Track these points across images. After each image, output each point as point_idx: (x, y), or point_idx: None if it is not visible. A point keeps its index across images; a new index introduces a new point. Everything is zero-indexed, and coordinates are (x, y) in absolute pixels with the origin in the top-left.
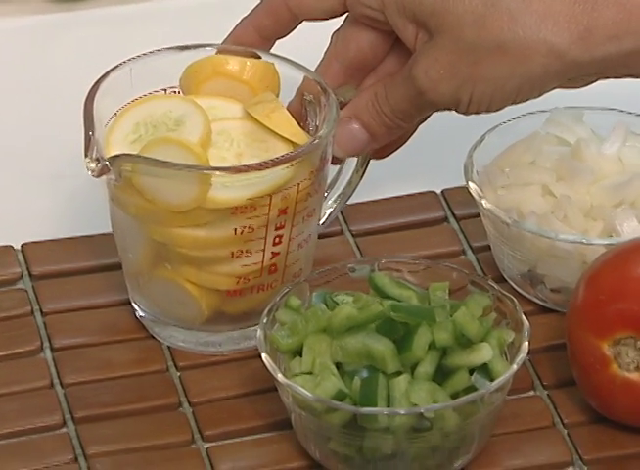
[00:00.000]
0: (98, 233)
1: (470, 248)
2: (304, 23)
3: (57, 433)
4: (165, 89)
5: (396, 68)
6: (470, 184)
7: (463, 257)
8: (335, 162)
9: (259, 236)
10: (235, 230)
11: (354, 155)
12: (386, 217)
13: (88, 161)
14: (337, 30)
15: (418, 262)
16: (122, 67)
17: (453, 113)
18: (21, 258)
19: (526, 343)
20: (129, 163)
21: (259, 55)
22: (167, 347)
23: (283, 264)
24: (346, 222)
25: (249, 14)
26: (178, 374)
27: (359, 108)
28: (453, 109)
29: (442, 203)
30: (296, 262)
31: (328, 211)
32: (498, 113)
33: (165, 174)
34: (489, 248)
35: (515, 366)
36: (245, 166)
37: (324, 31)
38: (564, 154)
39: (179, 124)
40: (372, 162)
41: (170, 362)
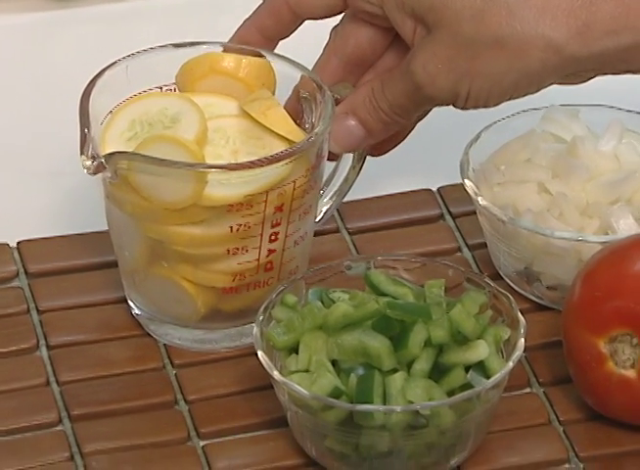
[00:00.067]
0: (94, 231)
1: (466, 245)
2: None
3: (53, 431)
4: (161, 87)
5: (395, 63)
6: (466, 182)
7: (459, 254)
8: (331, 158)
9: (255, 233)
10: (231, 228)
11: (350, 151)
12: (382, 215)
13: (84, 158)
14: (335, 26)
15: (414, 260)
16: (118, 64)
17: (449, 110)
18: (16, 255)
19: (522, 340)
20: (125, 160)
21: (262, 54)
22: (163, 344)
23: (279, 262)
24: (342, 220)
25: (251, 15)
26: (174, 372)
27: (356, 103)
28: (451, 104)
29: (438, 200)
30: (292, 260)
31: (324, 209)
32: (494, 110)
33: (161, 172)
34: (485, 245)
35: (511, 364)
36: (241, 164)
37: (320, 29)
38: (560, 151)
39: (175, 122)
40: (368, 159)
41: (166, 360)
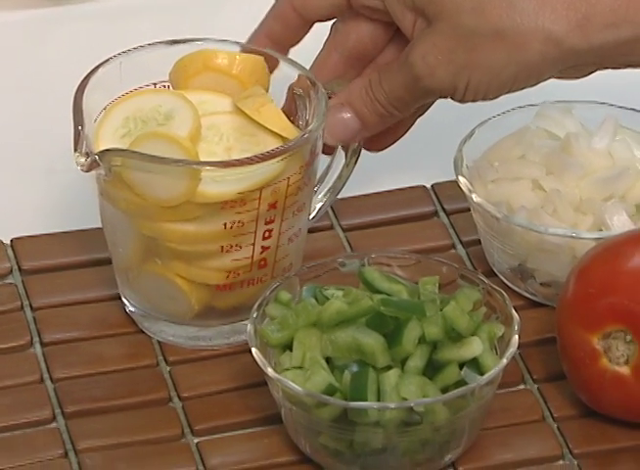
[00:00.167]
0: (88, 228)
1: (460, 242)
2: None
3: (47, 428)
4: (155, 84)
5: (396, 58)
6: (460, 178)
7: (453, 251)
8: (326, 151)
9: (249, 230)
10: (225, 225)
11: (345, 143)
12: (376, 212)
13: (77, 155)
14: (335, 22)
15: (408, 257)
16: (112, 61)
17: (443, 107)
18: (10, 252)
19: (516, 337)
20: (119, 157)
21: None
22: (157, 341)
23: (273, 259)
24: (336, 217)
25: (259, 24)
26: (168, 369)
27: (352, 95)
28: (449, 96)
29: (432, 197)
30: (285, 257)
31: (318, 206)
32: (488, 107)
33: (155, 169)
34: (479, 242)
35: (505, 360)
36: (234, 161)
37: (317, 27)
38: (553, 148)
39: (169, 119)
40: (362, 156)
41: (160, 357)
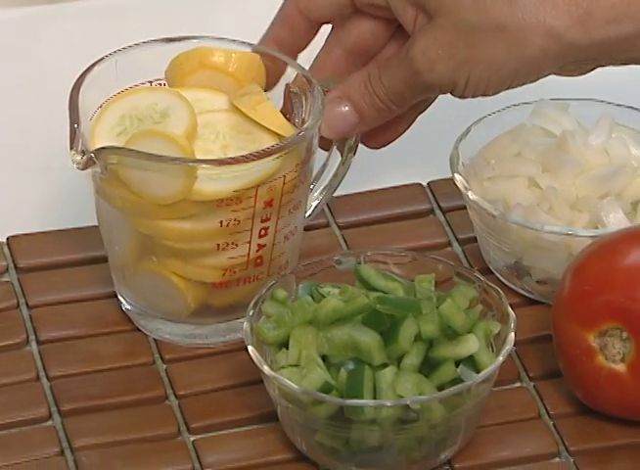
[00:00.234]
0: (84, 226)
1: (456, 240)
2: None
3: (43, 426)
4: (151, 81)
5: (396, 53)
6: (456, 176)
7: (449, 248)
8: (322, 145)
9: (245, 228)
10: (221, 222)
11: (342, 136)
12: (372, 209)
13: (73, 153)
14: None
15: (404, 254)
16: (108, 59)
17: (439, 104)
18: (6, 250)
19: (513, 334)
20: (115, 155)
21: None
22: (154, 339)
23: (269, 257)
24: (332, 214)
25: (267, 29)
26: (164, 367)
27: (351, 88)
28: (449, 92)
29: (428, 195)
30: (282, 255)
31: (314, 204)
32: (484, 104)
33: (151, 167)
34: (475, 240)
35: (501, 358)
36: (230, 159)
37: None
38: (549, 145)
39: (165, 117)
40: (358, 154)
41: (157, 355)
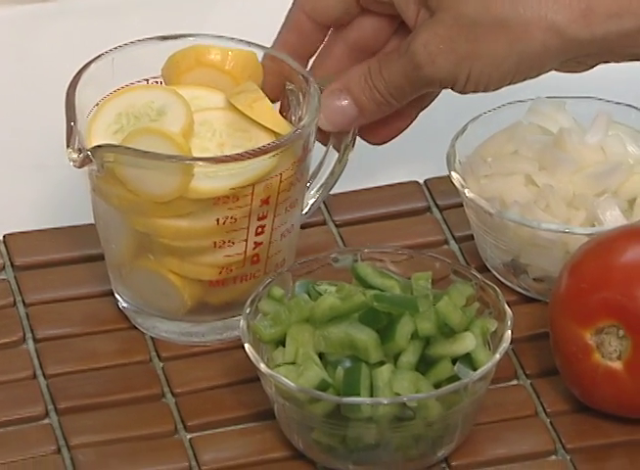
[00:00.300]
0: (80, 224)
1: (453, 237)
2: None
3: (40, 424)
4: (147, 79)
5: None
6: (452, 174)
7: (446, 246)
8: (321, 139)
9: (242, 226)
10: (217, 220)
11: (341, 129)
12: (368, 207)
13: (70, 151)
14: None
15: (401, 252)
16: (104, 57)
17: (436, 102)
18: (2, 248)
19: (509, 332)
20: (111, 153)
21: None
22: (150, 337)
23: (265, 255)
24: (329, 212)
25: (276, 37)
26: (161, 365)
27: (351, 81)
28: (450, 86)
29: (425, 192)
30: (278, 253)
31: (310, 201)
32: (481, 102)
33: (148, 165)
34: (472, 237)
35: (498, 355)
36: (227, 157)
37: None
38: (546, 143)
39: (161, 115)
40: (355, 151)
41: (153, 353)
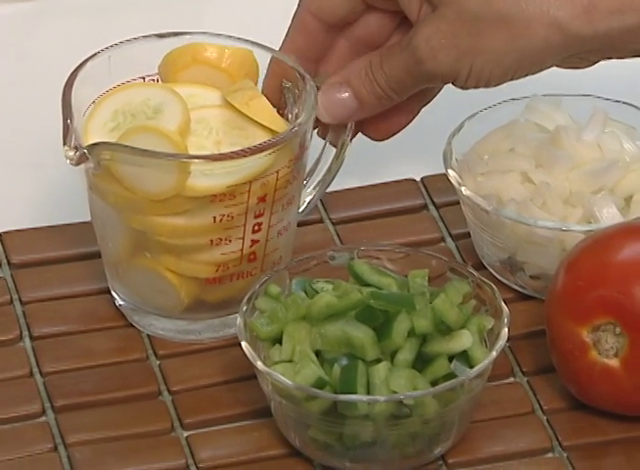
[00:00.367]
0: (77, 222)
1: (449, 235)
2: (292, 8)
3: (36, 422)
4: (144, 77)
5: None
6: (449, 172)
7: (442, 244)
8: (321, 133)
9: (238, 224)
10: (214, 218)
11: (340, 122)
12: (365, 205)
13: (67, 149)
14: None
15: (397, 250)
16: (101, 55)
17: (432, 100)
18: None
19: (506, 329)
20: (108, 151)
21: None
22: (147, 335)
23: (262, 252)
24: (326, 210)
25: (283, 39)
26: (158, 362)
27: (352, 74)
28: (451, 82)
29: (422, 190)
30: (275, 250)
31: (307, 199)
32: (477, 100)
33: (144, 163)
34: (469, 235)
35: (494, 353)
36: (224, 154)
37: None
38: (543, 141)
39: (158, 112)
40: (352, 149)
41: (150, 351)
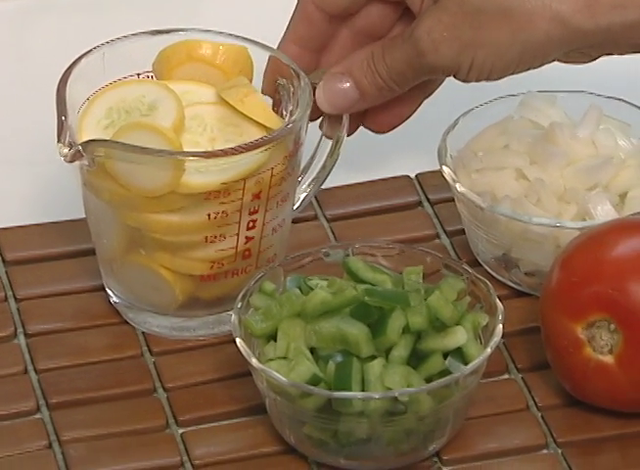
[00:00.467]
0: (71, 219)
1: (444, 232)
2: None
3: (31, 419)
4: (138, 74)
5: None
6: (444, 168)
7: (437, 241)
8: (319, 119)
9: (233, 221)
10: (209, 215)
11: (341, 112)
12: (360, 202)
13: (61, 146)
14: None
15: (392, 247)
16: (95, 51)
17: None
18: None
19: (501, 326)
20: (102, 148)
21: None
22: (142, 332)
23: (257, 249)
24: (321, 207)
25: (285, 30)
26: (153, 359)
27: (354, 65)
28: (452, 75)
29: (417, 187)
30: (270, 247)
31: (302, 196)
32: (472, 96)
33: (139, 160)
34: (464, 232)
35: (489, 350)
36: (218, 151)
37: None
38: (537, 137)
39: (152, 109)
40: (346, 146)
41: (145, 348)
